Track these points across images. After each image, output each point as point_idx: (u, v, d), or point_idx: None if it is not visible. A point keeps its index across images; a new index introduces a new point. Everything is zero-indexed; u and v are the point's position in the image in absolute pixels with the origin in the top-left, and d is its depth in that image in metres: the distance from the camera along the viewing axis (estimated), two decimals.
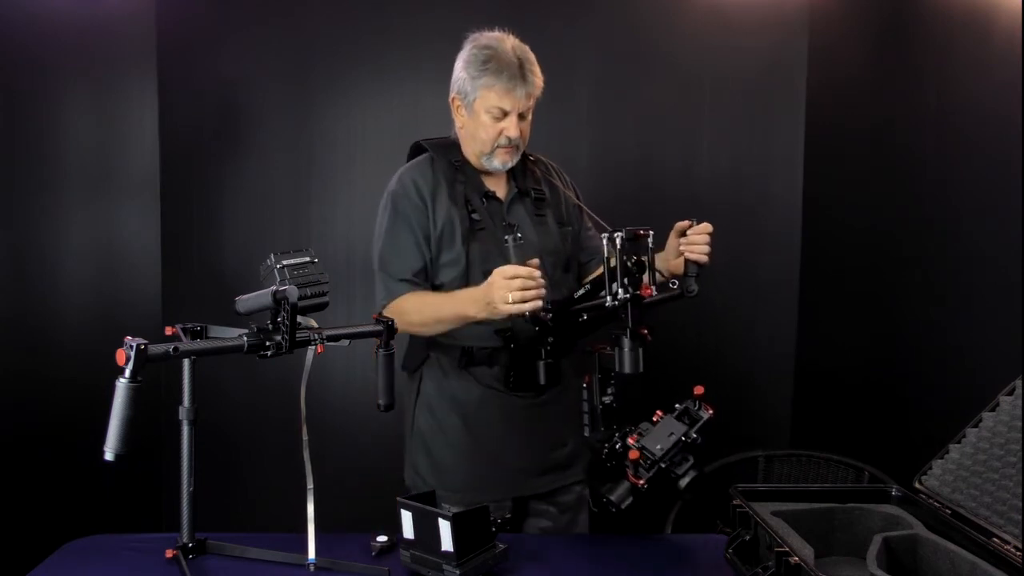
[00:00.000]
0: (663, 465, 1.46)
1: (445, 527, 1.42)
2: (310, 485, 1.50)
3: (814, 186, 2.73)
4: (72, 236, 2.77)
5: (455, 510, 1.42)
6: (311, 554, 1.50)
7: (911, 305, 2.11)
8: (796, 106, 2.76)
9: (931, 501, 1.49)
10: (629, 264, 1.46)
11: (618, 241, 1.45)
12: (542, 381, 1.64)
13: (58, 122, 2.74)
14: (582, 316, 1.62)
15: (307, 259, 1.42)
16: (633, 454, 1.46)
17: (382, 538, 1.62)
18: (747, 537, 1.52)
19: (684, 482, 1.48)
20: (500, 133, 1.72)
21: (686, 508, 2.16)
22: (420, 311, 1.73)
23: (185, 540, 1.56)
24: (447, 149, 1.82)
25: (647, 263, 1.48)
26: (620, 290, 1.45)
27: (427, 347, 1.84)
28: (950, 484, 1.47)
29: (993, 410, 1.45)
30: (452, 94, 1.80)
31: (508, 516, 1.64)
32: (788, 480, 2.29)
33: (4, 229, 2.71)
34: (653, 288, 1.49)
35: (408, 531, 1.49)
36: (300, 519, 1.51)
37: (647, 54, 2.77)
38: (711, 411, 1.49)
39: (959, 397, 1.81)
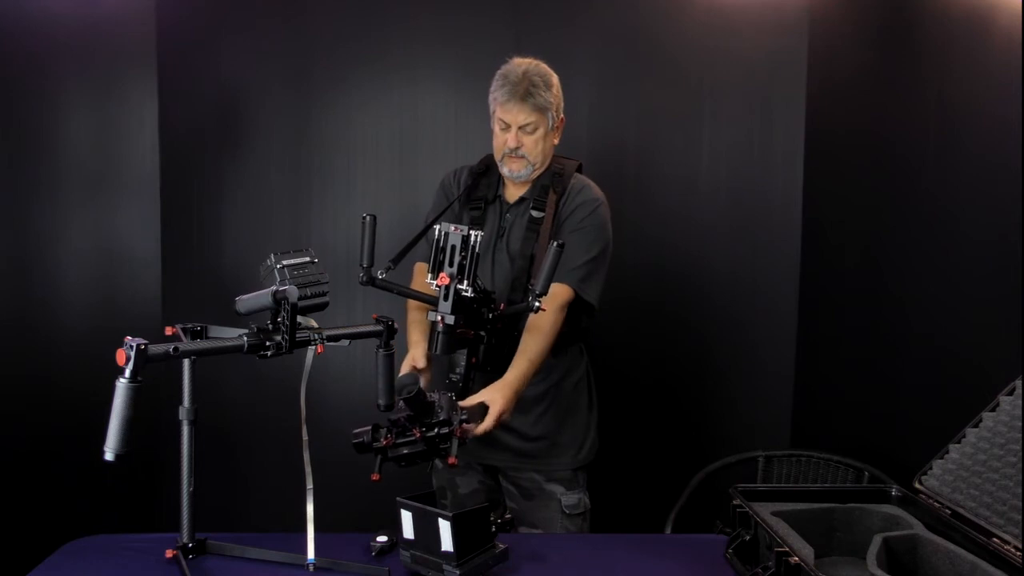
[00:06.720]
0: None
1: (445, 527, 1.42)
2: (310, 485, 1.50)
3: (814, 186, 2.73)
4: (72, 236, 2.77)
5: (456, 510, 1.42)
6: (311, 554, 1.50)
7: (911, 305, 2.10)
8: (796, 106, 2.75)
9: (931, 501, 1.49)
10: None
11: (437, 231, 1.62)
12: (436, 351, 1.70)
13: (58, 122, 2.74)
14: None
15: (307, 259, 1.42)
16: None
17: (382, 538, 1.62)
18: (747, 537, 1.52)
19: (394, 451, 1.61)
20: (505, 143, 1.94)
21: (687, 508, 2.17)
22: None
23: (185, 540, 1.56)
24: (489, 158, 2.07)
25: (463, 262, 1.63)
26: (430, 276, 1.65)
27: None
28: (950, 484, 1.47)
29: (993, 410, 1.46)
30: None
31: (508, 516, 1.64)
32: (788, 480, 2.29)
33: (4, 229, 2.71)
34: (466, 284, 1.64)
35: (408, 531, 1.49)
36: (300, 519, 1.51)
37: (647, 54, 2.77)
38: (417, 435, 1.59)
39: (959, 397, 1.81)
